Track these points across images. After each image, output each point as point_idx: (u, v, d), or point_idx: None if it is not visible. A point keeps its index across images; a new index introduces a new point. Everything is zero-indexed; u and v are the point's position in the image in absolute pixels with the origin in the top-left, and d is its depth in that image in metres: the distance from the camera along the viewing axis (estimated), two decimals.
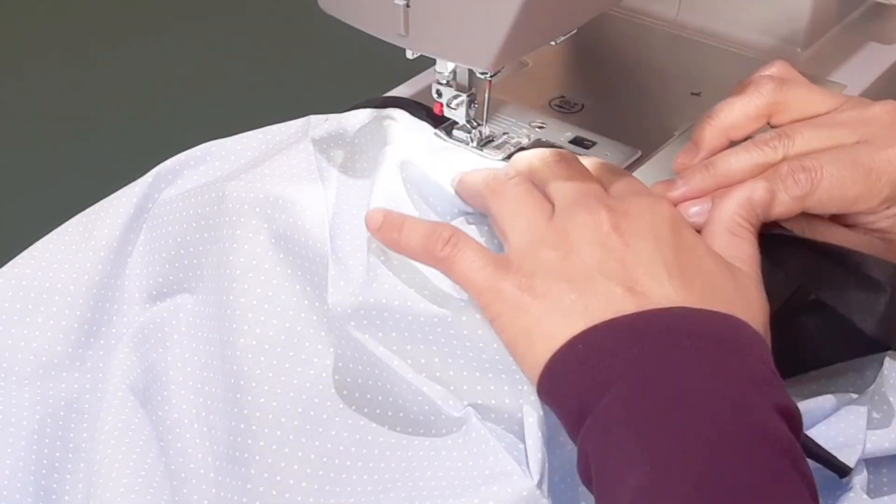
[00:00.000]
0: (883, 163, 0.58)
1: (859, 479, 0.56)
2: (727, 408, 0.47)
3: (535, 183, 0.59)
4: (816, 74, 0.77)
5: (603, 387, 0.49)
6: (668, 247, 0.54)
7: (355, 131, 0.68)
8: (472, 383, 0.56)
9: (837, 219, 0.61)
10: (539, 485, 0.52)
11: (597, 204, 0.55)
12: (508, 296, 0.53)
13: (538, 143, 0.71)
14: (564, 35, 0.65)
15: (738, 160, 0.61)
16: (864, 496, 0.55)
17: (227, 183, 0.65)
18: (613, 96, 0.77)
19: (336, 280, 0.60)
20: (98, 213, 0.67)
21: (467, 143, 0.70)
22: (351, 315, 0.58)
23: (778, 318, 0.56)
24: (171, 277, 0.66)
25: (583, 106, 0.76)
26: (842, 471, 0.54)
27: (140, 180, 0.68)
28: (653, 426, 0.47)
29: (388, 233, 0.58)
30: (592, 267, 0.53)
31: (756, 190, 0.58)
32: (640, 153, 0.70)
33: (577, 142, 0.72)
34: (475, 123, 0.69)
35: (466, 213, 0.63)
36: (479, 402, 0.56)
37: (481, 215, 0.61)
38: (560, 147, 0.71)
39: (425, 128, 0.69)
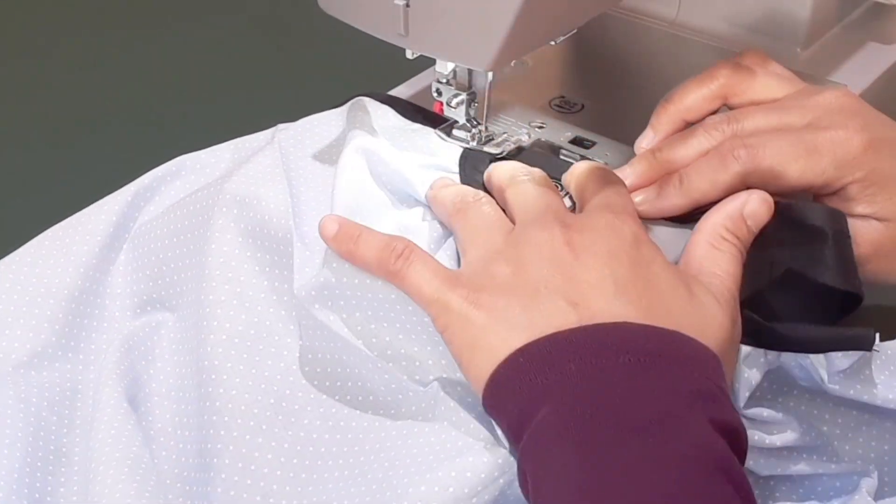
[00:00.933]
0: (825, 143, 0.59)
1: (867, 483, 0.56)
2: (656, 424, 0.47)
3: (501, 203, 0.60)
4: (816, 74, 0.77)
5: (540, 400, 0.49)
6: (621, 263, 0.53)
7: (321, 127, 0.69)
8: (436, 358, 0.57)
9: None
10: (512, 452, 0.52)
11: (553, 221, 0.56)
12: (456, 308, 0.54)
13: (538, 144, 0.71)
14: (564, 35, 0.65)
15: (685, 145, 0.63)
16: (868, 498, 0.55)
17: (198, 193, 0.67)
18: (613, 96, 0.77)
19: (301, 267, 0.61)
20: (76, 228, 0.68)
21: (467, 143, 0.70)
22: (315, 297, 0.59)
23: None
24: (153, 295, 0.67)
25: (583, 106, 0.76)
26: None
27: (118, 196, 0.69)
28: (583, 443, 0.47)
29: (344, 244, 0.58)
30: (539, 281, 0.53)
31: (750, 202, 0.58)
32: None
33: (577, 142, 0.72)
34: (475, 123, 0.69)
35: (424, 203, 0.63)
36: (445, 375, 0.56)
37: None
38: (560, 147, 0.71)
39: (389, 115, 0.69)
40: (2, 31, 1.18)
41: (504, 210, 0.60)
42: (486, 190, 0.63)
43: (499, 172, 0.62)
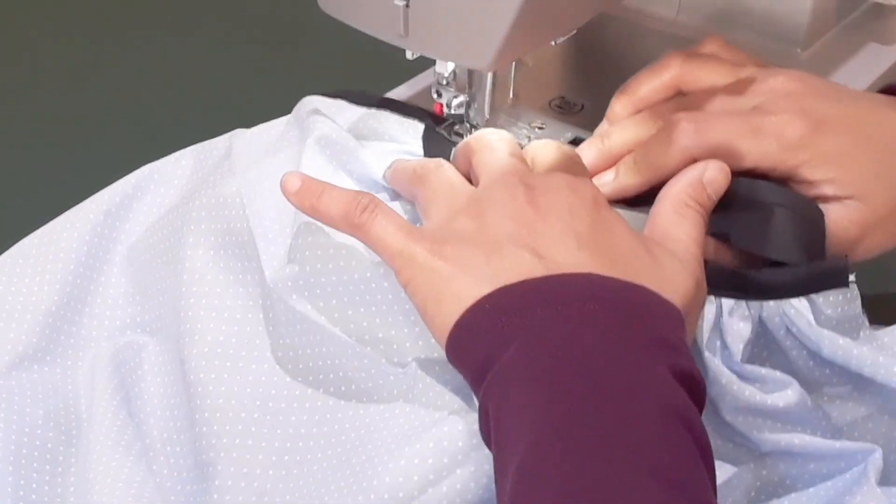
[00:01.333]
0: (770, 125, 0.60)
1: (873, 464, 0.56)
2: (618, 369, 0.48)
3: (464, 167, 0.60)
4: (816, 74, 0.77)
5: (504, 345, 0.50)
6: (583, 222, 0.54)
7: (276, 129, 0.69)
8: (413, 338, 0.58)
9: None
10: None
11: (516, 181, 0.56)
12: (420, 259, 0.54)
13: None
14: (564, 35, 0.65)
15: (633, 131, 0.64)
16: (873, 483, 0.55)
17: (169, 215, 0.68)
18: (613, 96, 0.77)
19: (269, 262, 0.61)
20: (48, 246, 0.69)
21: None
22: (291, 288, 0.60)
23: None
24: (138, 318, 0.68)
25: (583, 106, 0.76)
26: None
27: (86, 212, 0.70)
28: (546, 383, 0.48)
29: (307, 198, 0.58)
30: (503, 235, 0.54)
31: (708, 169, 0.59)
32: None
33: (576, 142, 0.72)
34: (475, 123, 0.69)
35: (389, 189, 0.64)
36: (423, 356, 0.57)
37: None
38: None
39: (342, 105, 0.69)
40: (2, 31, 1.18)
41: (469, 179, 0.60)
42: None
43: (467, 140, 0.62)
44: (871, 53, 0.81)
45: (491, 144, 0.60)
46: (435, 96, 0.69)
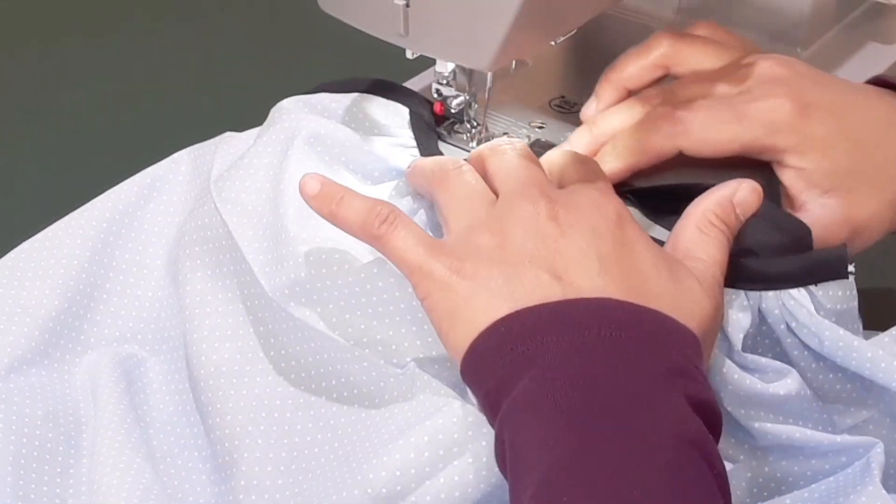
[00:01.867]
0: (756, 110, 0.60)
1: (875, 457, 0.56)
2: (634, 398, 0.48)
3: (483, 174, 0.60)
4: None
5: (519, 371, 0.49)
6: (605, 240, 0.54)
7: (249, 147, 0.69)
8: (411, 339, 0.58)
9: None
10: (489, 421, 0.53)
11: (538, 194, 0.56)
12: (438, 276, 0.54)
13: (538, 144, 0.71)
14: (564, 35, 0.65)
15: (621, 117, 0.64)
16: (878, 482, 0.55)
17: (165, 235, 0.70)
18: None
19: (262, 272, 0.61)
20: (50, 251, 0.69)
21: (467, 143, 0.70)
22: (289, 296, 0.60)
23: None
24: (139, 336, 0.69)
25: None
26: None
27: (87, 218, 0.70)
28: (558, 417, 0.47)
29: (326, 204, 0.58)
30: (524, 254, 0.53)
31: (740, 189, 0.58)
32: None
33: None
34: (475, 123, 0.69)
35: (391, 174, 0.64)
36: (421, 355, 0.57)
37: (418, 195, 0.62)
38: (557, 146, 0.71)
39: (323, 98, 0.69)
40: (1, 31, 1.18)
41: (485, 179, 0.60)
42: None
43: (480, 149, 0.62)
44: (871, 53, 0.81)
45: (507, 151, 0.60)
46: (435, 96, 0.69)
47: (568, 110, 0.75)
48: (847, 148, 0.60)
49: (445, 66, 0.67)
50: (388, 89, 0.70)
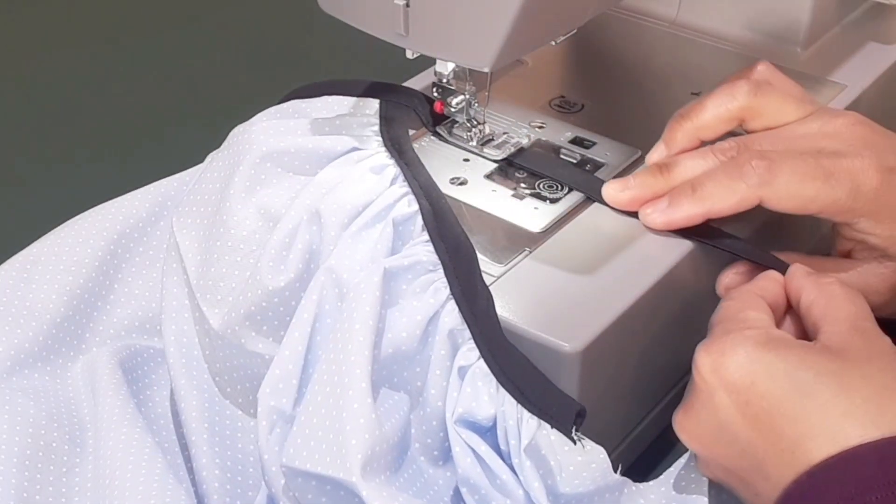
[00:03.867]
0: (842, 170, 0.59)
1: None
2: None
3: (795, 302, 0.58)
4: (816, 74, 0.77)
5: None
6: None
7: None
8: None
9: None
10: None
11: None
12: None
13: (538, 144, 0.71)
14: (564, 35, 0.64)
15: (694, 163, 0.62)
16: None
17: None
18: (613, 96, 0.77)
19: (211, 310, 0.62)
20: (59, 257, 0.69)
21: (467, 143, 0.70)
22: (249, 326, 0.61)
23: None
24: (137, 345, 0.69)
25: (583, 106, 0.76)
26: None
27: (100, 230, 0.70)
28: None
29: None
30: None
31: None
32: (640, 153, 0.70)
33: (577, 142, 0.72)
34: (475, 123, 0.69)
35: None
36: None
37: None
38: (560, 147, 0.71)
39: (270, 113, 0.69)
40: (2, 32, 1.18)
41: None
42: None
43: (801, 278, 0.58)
44: (871, 53, 0.81)
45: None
46: (435, 95, 0.69)
47: (568, 110, 0.75)
48: None
49: (445, 66, 0.67)
50: (372, 89, 0.69)
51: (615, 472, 0.55)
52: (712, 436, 0.53)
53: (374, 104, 0.69)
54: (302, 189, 0.63)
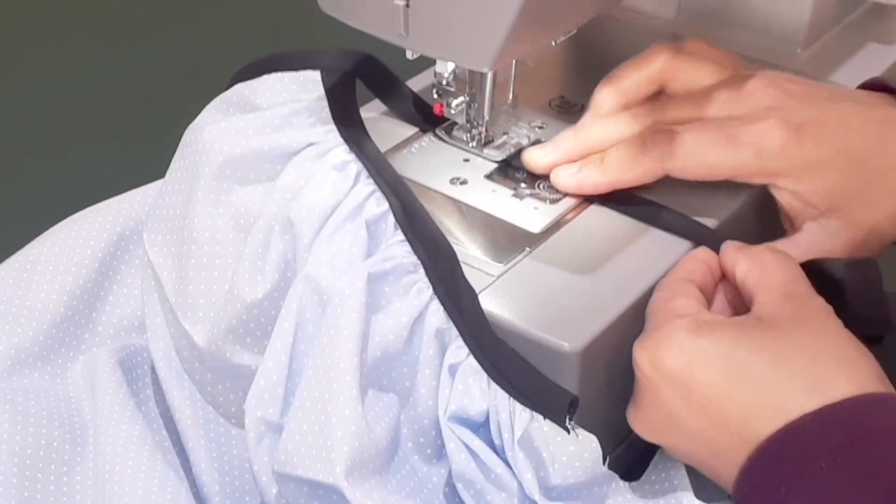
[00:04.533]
0: (746, 134, 0.60)
1: None
2: None
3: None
4: (816, 74, 0.77)
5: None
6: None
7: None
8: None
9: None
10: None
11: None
12: None
13: (538, 144, 0.71)
14: (564, 35, 0.65)
15: (608, 129, 0.64)
16: None
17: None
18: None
19: (194, 326, 0.62)
20: (59, 258, 0.69)
21: (467, 143, 0.70)
22: (232, 341, 0.61)
23: None
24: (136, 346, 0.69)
25: (583, 106, 0.75)
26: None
27: (99, 231, 0.70)
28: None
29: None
30: None
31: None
32: None
33: None
34: (475, 123, 0.69)
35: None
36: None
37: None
38: None
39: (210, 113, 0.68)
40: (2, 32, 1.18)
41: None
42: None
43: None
44: (871, 53, 0.81)
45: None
46: (435, 96, 0.69)
47: (568, 110, 0.75)
48: (841, 167, 0.60)
49: (445, 66, 0.67)
50: (310, 58, 0.66)
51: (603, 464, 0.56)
52: (664, 427, 0.55)
53: (316, 79, 0.65)
54: (266, 196, 0.62)
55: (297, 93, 0.65)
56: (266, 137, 0.63)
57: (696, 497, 0.57)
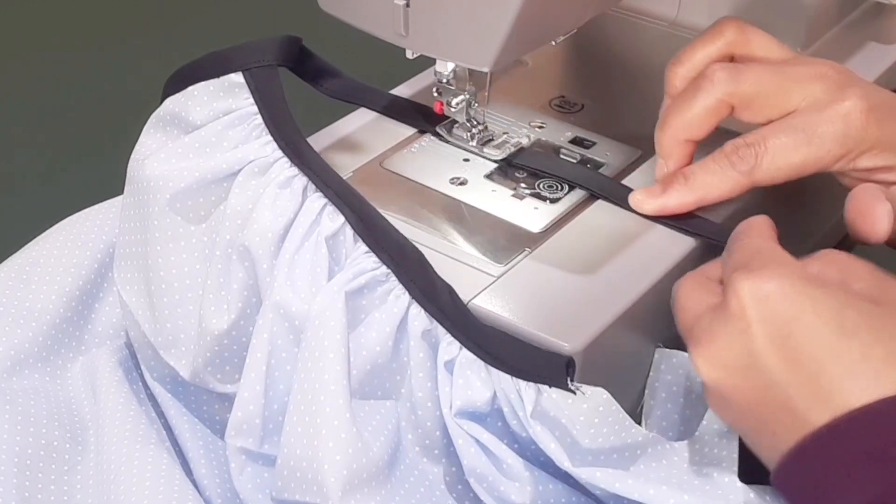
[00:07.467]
0: (824, 123, 0.60)
1: None
2: None
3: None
4: None
5: None
6: None
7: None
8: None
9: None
10: None
11: None
12: None
13: (538, 144, 0.71)
14: (564, 35, 0.65)
15: (712, 175, 0.62)
16: None
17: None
18: (613, 96, 0.77)
19: (176, 364, 0.63)
20: (59, 259, 0.69)
21: (467, 143, 0.70)
22: (211, 373, 0.61)
23: None
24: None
25: (583, 106, 0.76)
26: None
27: (99, 233, 0.70)
28: None
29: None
30: None
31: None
32: (640, 153, 0.70)
33: (577, 142, 0.72)
34: (475, 123, 0.69)
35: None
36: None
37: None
38: (560, 147, 0.71)
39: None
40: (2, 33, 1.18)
41: None
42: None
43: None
44: (871, 53, 0.81)
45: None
46: (435, 95, 0.69)
47: (568, 110, 0.75)
48: None
49: (445, 66, 0.67)
50: (229, 59, 0.65)
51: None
52: (737, 367, 0.50)
53: (241, 82, 0.63)
54: (217, 225, 0.62)
55: (226, 100, 0.63)
56: (207, 162, 0.62)
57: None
